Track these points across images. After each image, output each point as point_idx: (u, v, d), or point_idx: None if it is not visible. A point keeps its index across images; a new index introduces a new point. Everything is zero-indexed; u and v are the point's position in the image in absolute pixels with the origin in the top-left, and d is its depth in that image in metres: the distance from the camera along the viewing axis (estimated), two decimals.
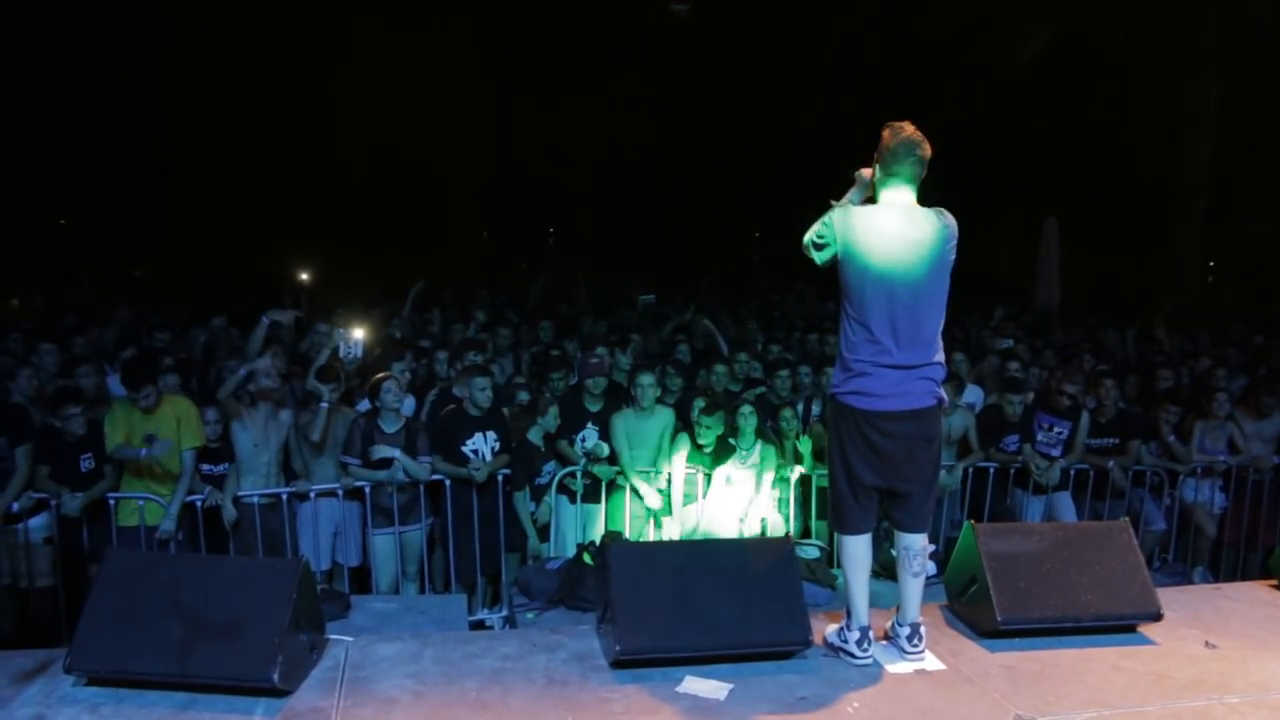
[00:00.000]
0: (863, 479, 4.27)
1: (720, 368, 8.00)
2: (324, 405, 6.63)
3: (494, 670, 4.32)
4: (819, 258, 4.27)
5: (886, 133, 4.17)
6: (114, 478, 6.33)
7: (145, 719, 3.79)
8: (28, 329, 9.20)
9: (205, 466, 6.56)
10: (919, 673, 4.35)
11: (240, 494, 6.50)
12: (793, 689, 4.17)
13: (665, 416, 7.22)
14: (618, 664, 4.30)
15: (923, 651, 4.42)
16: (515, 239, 25.13)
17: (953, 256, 4.17)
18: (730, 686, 4.14)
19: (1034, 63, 18.22)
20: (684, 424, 7.20)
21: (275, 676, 3.90)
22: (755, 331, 11.07)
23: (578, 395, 7.26)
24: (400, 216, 26.96)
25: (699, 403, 7.11)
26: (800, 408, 7.89)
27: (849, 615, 4.44)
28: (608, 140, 25.96)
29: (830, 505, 4.52)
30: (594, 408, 7.22)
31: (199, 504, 6.42)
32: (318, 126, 25.81)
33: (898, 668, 4.38)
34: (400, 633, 5.05)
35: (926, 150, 4.13)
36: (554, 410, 7.01)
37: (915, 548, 4.37)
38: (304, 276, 18.92)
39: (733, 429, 7.08)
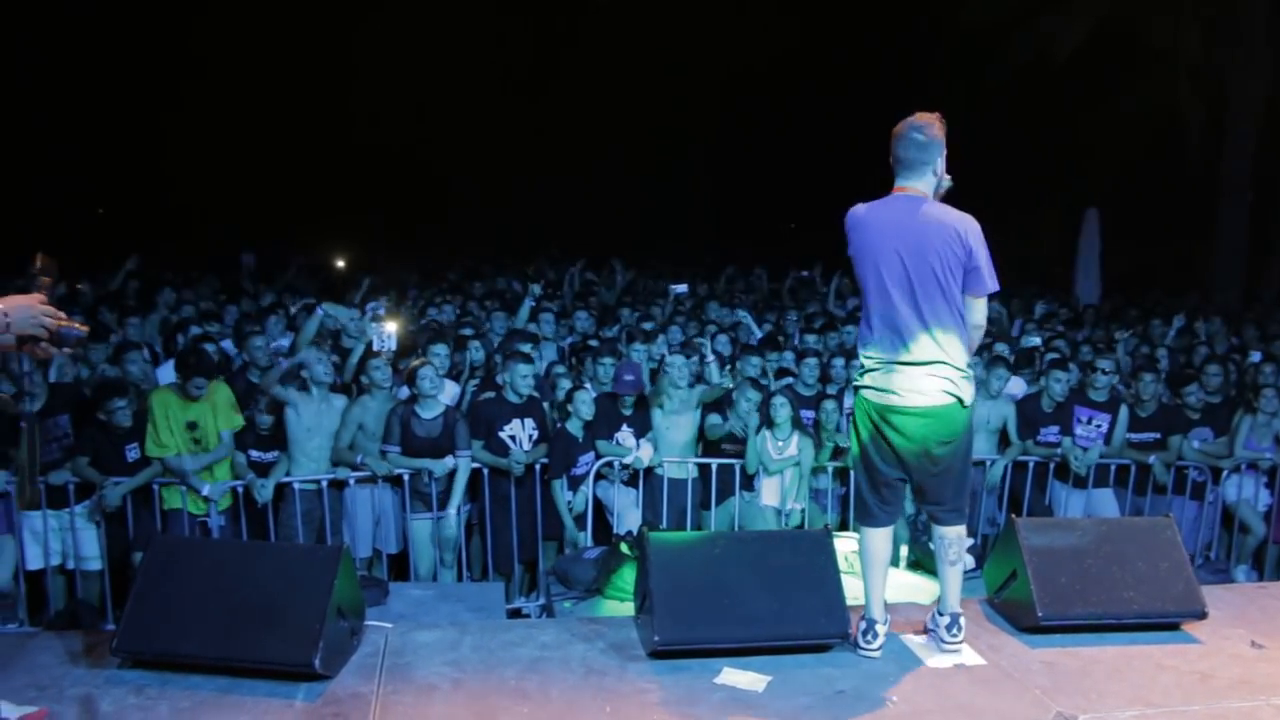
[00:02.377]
0: (881, 471, 4.28)
1: (754, 358, 8.00)
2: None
3: (533, 659, 4.34)
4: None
5: (900, 122, 4.16)
6: (158, 467, 6.40)
7: (189, 701, 3.84)
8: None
9: (255, 454, 6.63)
10: (959, 667, 4.32)
11: (282, 480, 6.56)
12: (831, 682, 4.16)
13: (697, 395, 7.28)
14: (656, 654, 4.31)
15: (961, 642, 4.40)
16: (549, 225, 25.13)
17: (965, 256, 4.04)
18: (769, 679, 4.14)
19: (1076, 53, 17.98)
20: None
21: (317, 662, 3.94)
22: (795, 323, 11.02)
23: (613, 397, 7.27)
24: (431, 204, 27.09)
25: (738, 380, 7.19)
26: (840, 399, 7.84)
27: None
28: (643, 125, 25.96)
29: (852, 496, 4.54)
30: (628, 410, 7.23)
31: (240, 489, 6.50)
32: (352, 117, 25.97)
33: (937, 661, 4.36)
34: (439, 620, 5.09)
35: (932, 133, 4.07)
36: (584, 397, 6.99)
37: (950, 536, 4.34)
38: (340, 264, 19.04)
39: (768, 420, 7.08)
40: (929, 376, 4.07)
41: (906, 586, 6.04)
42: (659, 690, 4.07)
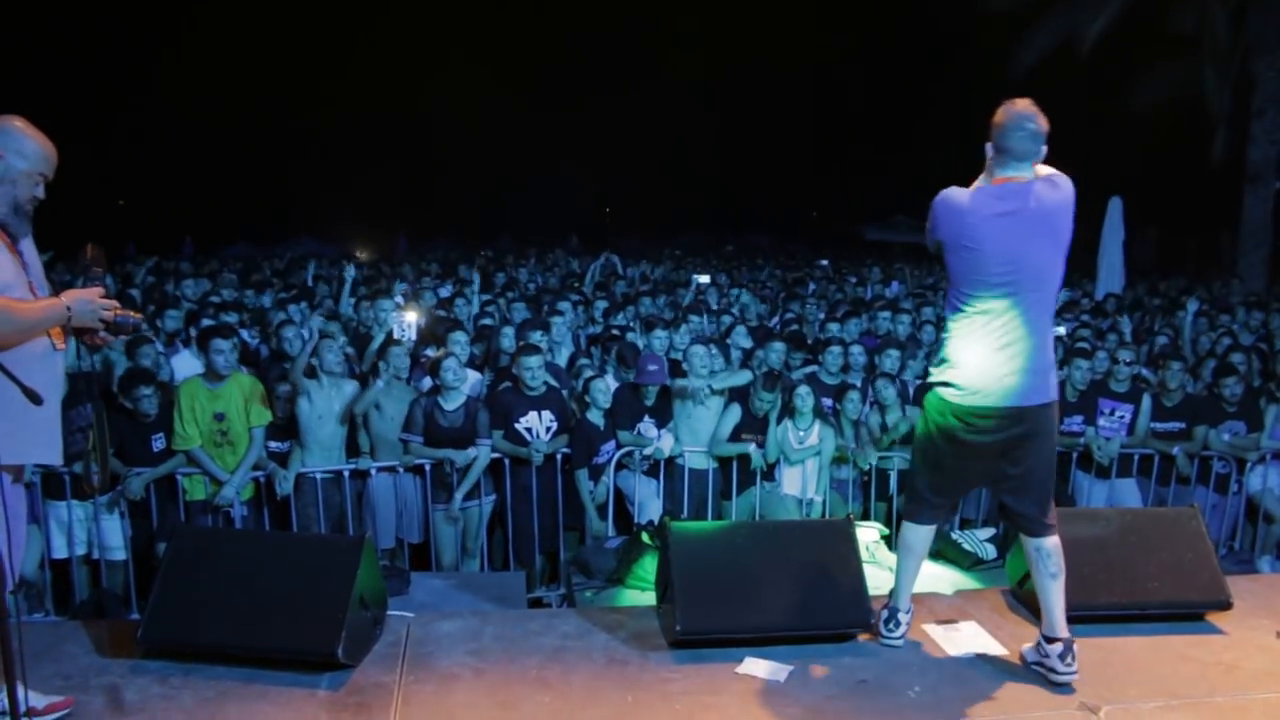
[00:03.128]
0: (949, 473, 4.13)
1: (778, 345, 7.97)
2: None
3: (554, 649, 4.35)
4: (929, 244, 4.06)
5: (1000, 111, 3.89)
6: (181, 458, 6.43)
7: (213, 690, 3.87)
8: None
9: (272, 444, 6.66)
10: (981, 657, 4.31)
11: (303, 470, 6.57)
12: (853, 672, 4.15)
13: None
14: (677, 644, 4.32)
15: (1074, 672, 3.98)
16: (571, 216, 25.20)
17: (1068, 232, 3.88)
18: (790, 668, 4.14)
19: (1101, 40, 17.84)
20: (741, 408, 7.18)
21: (339, 651, 3.96)
22: (815, 310, 10.99)
23: (635, 388, 7.26)
24: (451, 197, 27.15)
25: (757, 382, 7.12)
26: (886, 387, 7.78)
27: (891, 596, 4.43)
28: (667, 117, 25.93)
29: (907, 489, 4.36)
30: (649, 401, 7.21)
31: (262, 479, 6.53)
32: (371, 108, 26.03)
33: (959, 651, 4.36)
34: (461, 610, 5.10)
35: (1041, 123, 3.83)
36: (601, 386, 6.99)
37: (1046, 547, 4.09)
38: (360, 255, 19.15)
39: (789, 409, 7.05)
40: (1022, 374, 3.86)
41: (929, 576, 6.02)
42: (681, 679, 4.07)
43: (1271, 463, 7.42)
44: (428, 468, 6.66)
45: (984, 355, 3.89)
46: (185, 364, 7.51)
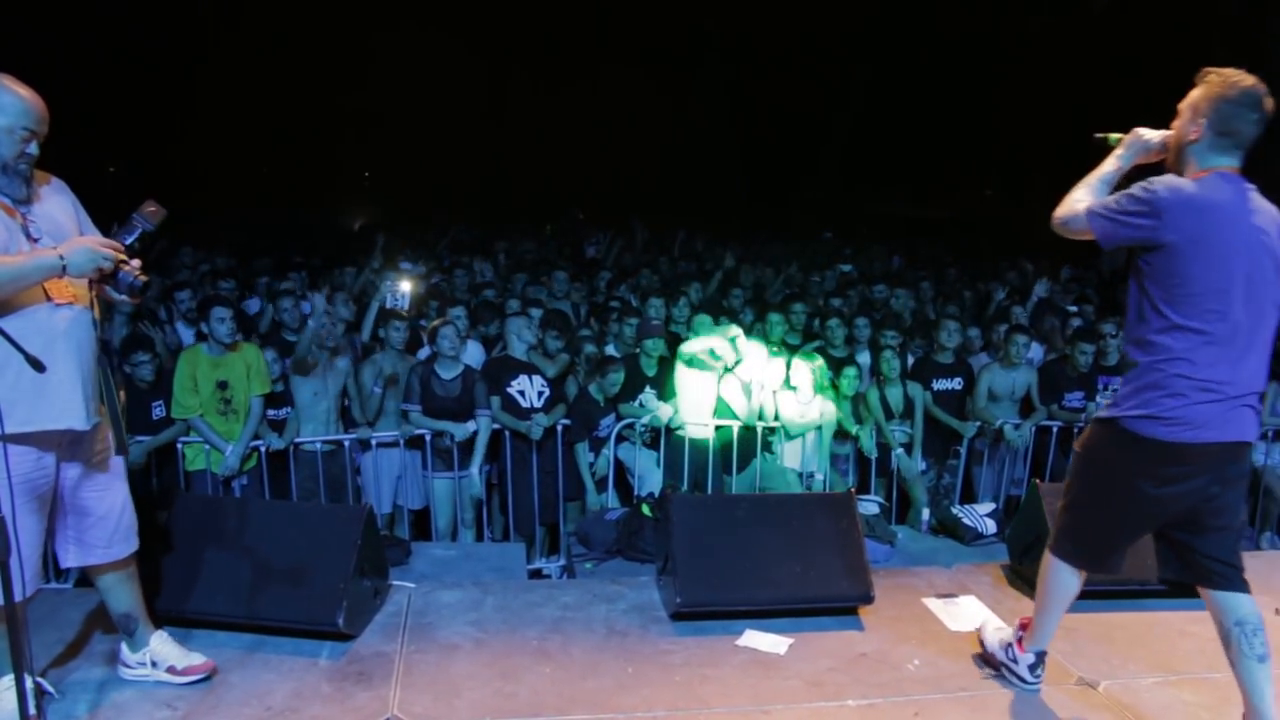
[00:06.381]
0: (1141, 522, 3.46)
1: (775, 315, 7.95)
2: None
3: (555, 619, 4.37)
4: (1113, 234, 3.40)
5: (1213, 80, 3.25)
6: (181, 426, 6.41)
7: (215, 658, 3.88)
8: None
9: (269, 411, 6.65)
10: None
11: (303, 440, 6.57)
12: (853, 645, 4.17)
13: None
14: (678, 616, 4.33)
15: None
16: (574, 189, 25.07)
17: None
18: (790, 641, 4.16)
19: (1109, 7, 17.71)
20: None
21: (340, 621, 3.98)
22: (817, 284, 10.96)
23: (634, 359, 7.24)
24: (454, 166, 27.01)
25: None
26: (867, 363, 7.77)
27: (1026, 631, 3.84)
28: (665, 91, 25.76)
29: (1077, 536, 3.60)
30: (651, 372, 7.19)
31: (262, 449, 6.52)
32: (372, 79, 25.86)
33: (959, 625, 4.37)
34: (461, 580, 5.11)
35: (1244, 94, 3.20)
36: (617, 376, 6.96)
37: (1249, 613, 3.42)
38: (356, 227, 19.07)
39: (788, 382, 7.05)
40: (1242, 407, 3.24)
41: (929, 551, 6.05)
42: (681, 651, 4.09)
43: (1273, 439, 7.43)
44: (427, 437, 6.66)
45: (1202, 380, 3.19)
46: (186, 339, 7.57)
